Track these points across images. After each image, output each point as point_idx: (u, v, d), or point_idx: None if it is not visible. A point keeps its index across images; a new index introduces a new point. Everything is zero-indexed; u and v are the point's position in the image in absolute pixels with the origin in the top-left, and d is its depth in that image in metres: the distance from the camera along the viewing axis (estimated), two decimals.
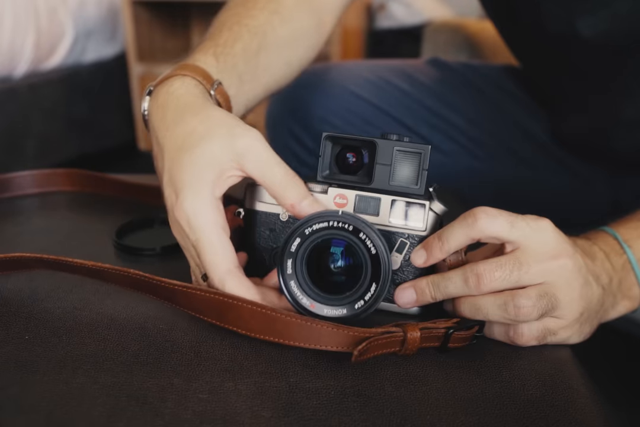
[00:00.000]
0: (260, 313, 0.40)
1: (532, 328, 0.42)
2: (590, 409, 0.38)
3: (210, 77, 0.51)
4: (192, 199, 0.42)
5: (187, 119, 0.45)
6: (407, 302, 0.44)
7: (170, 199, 0.43)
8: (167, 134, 0.45)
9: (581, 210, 0.87)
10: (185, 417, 0.35)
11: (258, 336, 0.41)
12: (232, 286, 0.41)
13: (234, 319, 0.41)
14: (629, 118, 0.75)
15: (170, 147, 0.44)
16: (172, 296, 0.44)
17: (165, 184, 0.44)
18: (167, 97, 0.47)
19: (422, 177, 0.45)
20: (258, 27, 0.60)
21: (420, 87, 0.92)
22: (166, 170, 0.44)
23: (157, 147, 0.46)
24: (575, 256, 0.42)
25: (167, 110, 0.46)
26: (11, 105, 1.77)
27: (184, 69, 0.50)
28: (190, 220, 0.42)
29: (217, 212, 0.42)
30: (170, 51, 2.44)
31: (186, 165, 0.43)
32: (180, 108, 0.46)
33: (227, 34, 0.58)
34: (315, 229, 0.41)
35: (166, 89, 0.48)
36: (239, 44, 0.57)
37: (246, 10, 0.62)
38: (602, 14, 0.67)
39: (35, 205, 0.71)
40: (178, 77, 0.49)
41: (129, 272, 0.44)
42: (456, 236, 0.42)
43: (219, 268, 0.42)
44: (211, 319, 0.42)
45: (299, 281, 0.42)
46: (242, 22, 0.60)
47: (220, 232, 0.42)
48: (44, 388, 0.37)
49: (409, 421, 0.36)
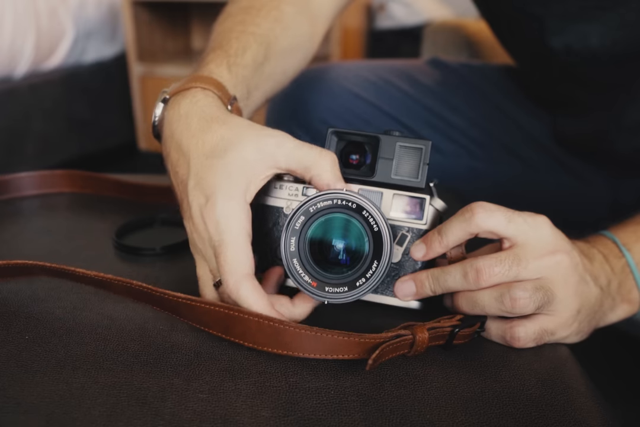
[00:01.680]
0: (268, 326, 0.39)
1: (529, 331, 0.43)
2: (589, 408, 0.38)
3: (227, 92, 0.52)
4: (225, 202, 0.42)
5: (214, 127, 0.45)
6: (407, 294, 0.45)
7: (198, 202, 0.44)
8: (194, 141, 0.46)
9: (581, 210, 0.87)
10: (185, 417, 0.35)
11: (266, 349, 0.40)
12: (246, 290, 0.41)
13: (241, 333, 0.41)
14: (631, 122, 0.76)
15: (198, 153, 0.45)
16: (177, 309, 0.43)
17: (191, 188, 0.44)
18: (191, 107, 0.48)
19: (422, 171, 0.46)
20: (263, 37, 0.61)
21: (420, 88, 0.92)
22: (192, 176, 0.45)
23: (178, 154, 0.47)
24: (572, 253, 0.43)
25: (191, 119, 0.47)
26: (11, 106, 1.78)
27: (203, 82, 0.51)
28: (220, 222, 0.42)
29: (246, 216, 0.43)
30: (170, 51, 2.44)
31: (218, 171, 0.43)
32: (206, 118, 0.47)
33: (236, 43, 0.58)
34: (320, 207, 0.42)
35: (189, 100, 0.49)
36: (248, 54, 0.58)
37: (251, 18, 0.62)
38: (612, 23, 0.68)
39: (35, 206, 0.71)
40: (199, 89, 0.50)
41: (131, 284, 0.44)
42: (455, 230, 0.43)
43: (237, 271, 0.41)
44: (217, 332, 0.42)
45: (302, 259, 0.43)
46: (248, 30, 0.60)
47: (246, 237, 0.43)
48: (44, 388, 0.37)
49: (408, 421, 0.36)
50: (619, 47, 0.69)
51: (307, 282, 0.42)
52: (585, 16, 0.69)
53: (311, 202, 0.42)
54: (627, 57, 0.70)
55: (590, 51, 0.71)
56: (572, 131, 0.84)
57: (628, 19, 0.67)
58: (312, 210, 0.42)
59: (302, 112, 0.89)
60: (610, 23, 0.68)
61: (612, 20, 0.68)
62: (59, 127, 1.99)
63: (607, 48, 0.70)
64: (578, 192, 0.87)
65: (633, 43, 0.68)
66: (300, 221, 0.42)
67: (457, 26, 1.36)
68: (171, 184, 0.49)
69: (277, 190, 0.47)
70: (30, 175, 0.73)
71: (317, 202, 0.42)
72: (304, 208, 0.42)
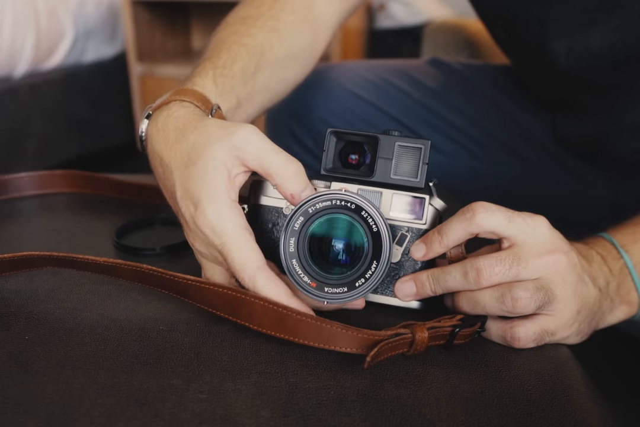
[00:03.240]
0: (272, 310, 0.40)
1: (529, 331, 0.43)
2: (590, 409, 0.38)
3: (208, 101, 0.52)
4: (212, 206, 0.43)
5: (187, 135, 0.46)
6: (407, 294, 0.45)
7: (189, 211, 0.44)
8: (172, 153, 0.46)
9: (581, 210, 0.87)
10: (185, 417, 0.35)
11: (270, 332, 0.41)
12: (263, 282, 0.41)
13: (247, 315, 0.41)
14: (631, 123, 0.76)
15: (177, 164, 0.45)
16: (185, 291, 0.44)
17: (180, 199, 0.45)
18: (167, 119, 0.48)
19: (422, 171, 0.46)
20: (257, 47, 0.61)
21: (420, 87, 0.92)
22: (178, 187, 0.45)
23: (162, 168, 0.47)
24: (570, 253, 0.43)
25: (168, 132, 0.47)
26: (11, 105, 1.78)
27: (183, 95, 0.51)
28: (214, 225, 0.42)
29: (237, 214, 0.43)
30: (170, 51, 2.44)
31: (197, 177, 0.44)
32: (179, 127, 0.47)
33: (226, 55, 0.58)
34: (319, 208, 0.42)
35: (166, 113, 0.49)
36: (237, 65, 0.58)
37: (246, 28, 0.62)
38: (612, 25, 0.68)
39: (35, 206, 0.71)
40: (177, 102, 0.50)
41: (141, 267, 0.45)
42: (455, 230, 0.43)
43: (248, 266, 0.42)
44: (224, 314, 0.43)
45: (301, 259, 0.43)
46: (241, 41, 0.60)
47: (245, 233, 0.43)
48: (44, 388, 0.37)
49: (408, 421, 0.36)
50: (619, 49, 0.69)
51: (307, 283, 0.42)
52: (587, 19, 0.69)
53: (310, 202, 0.42)
54: (626, 59, 0.70)
55: (590, 53, 0.71)
56: (573, 132, 0.84)
57: (628, 21, 0.67)
58: (311, 210, 0.42)
59: (302, 112, 0.89)
60: (610, 25, 0.68)
61: (613, 23, 0.68)
62: (58, 127, 1.98)
63: (607, 50, 0.70)
64: (578, 193, 0.87)
65: (632, 45, 0.68)
66: (300, 221, 0.42)
67: (457, 26, 1.36)
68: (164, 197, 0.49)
69: (275, 190, 0.47)
70: (30, 176, 0.73)
71: (316, 203, 0.42)
72: (303, 209, 0.42)
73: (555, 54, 0.73)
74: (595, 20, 0.69)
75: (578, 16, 0.70)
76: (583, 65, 0.73)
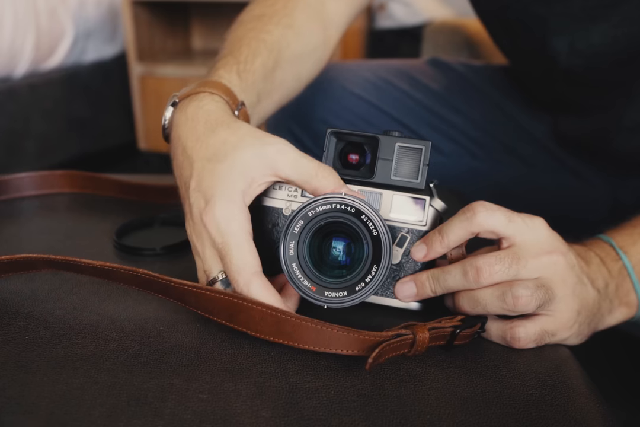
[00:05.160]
0: (271, 315, 0.40)
1: (529, 332, 0.43)
2: (590, 409, 0.38)
3: (235, 97, 0.53)
4: (224, 206, 0.43)
5: (219, 131, 0.46)
6: (407, 295, 0.45)
7: (198, 204, 0.44)
8: (197, 145, 0.46)
9: (581, 210, 0.87)
10: (185, 417, 0.35)
11: (268, 338, 0.41)
12: (257, 288, 0.41)
13: (245, 321, 0.41)
14: (631, 122, 0.76)
15: (200, 156, 0.46)
16: (182, 296, 0.44)
17: (192, 190, 0.45)
18: (198, 110, 0.48)
19: (422, 172, 0.46)
20: (274, 43, 0.62)
21: (420, 88, 0.92)
22: (194, 178, 0.45)
23: (183, 157, 0.47)
24: (568, 255, 0.43)
25: (197, 123, 0.47)
26: (11, 105, 1.78)
27: (212, 87, 0.51)
28: (221, 225, 0.42)
29: (246, 218, 0.43)
30: (170, 51, 2.44)
31: (219, 174, 0.44)
32: (211, 121, 0.47)
33: (246, 50, 0.59)
34: (319, 212, 0.42)
35: (196, 104, 0.49)
36: (258, 60, 0.59)
37: (262, 25, 0.63)
38: (614, 21, 0.68)
39: (35, 206, 0.71)
40: (207, 94, 0.50)
41: (138, 272, 0.44)
42: (456, 229, 0.43)
43: (245, 270, 0.42)
44: (221, 320, 0.42)
45: (301, 263, 0.42)
46: (259, 37, 0.61)
47: (249, 237, 0.43)
48: (44, 388, 0.37)
49: (408, 421, 0.36)
50: (620, 45, 0.69)
51: (307, 287, 0.42)
52: (588, 15, 0.69)
53: (310, 206, 0.42)
54: (627, 55, 0.70)
55: (592, 51, 0.71)
56: (573, 131, 0.84)
57: (630, 17, 0.67)
58: (311, 214, 0.42)
59: (303, 112, 0.89)
60: (612, 21, 0.68)
61: (614, 19, 0.68)
62: (58, 127, 1.99)
63: (608, 46, 0.70)
64: (579, 192, 0.87)
65: (633, 41, 0.68)
66: (299, 225, 0.42)
67: (457, 26, 1.36)
68: (176, 184, 0.49)
69: (276, 191, 0.47)
70: (30, 176, 0.73)
71: (316, 207, 0.42)
72: (303, 212, 0.42)
73: (557, 52, 0.73)
74: (597, 17, 0.69)
75: (579, 13, 0.70)
76: (584, 64, 0.73)
